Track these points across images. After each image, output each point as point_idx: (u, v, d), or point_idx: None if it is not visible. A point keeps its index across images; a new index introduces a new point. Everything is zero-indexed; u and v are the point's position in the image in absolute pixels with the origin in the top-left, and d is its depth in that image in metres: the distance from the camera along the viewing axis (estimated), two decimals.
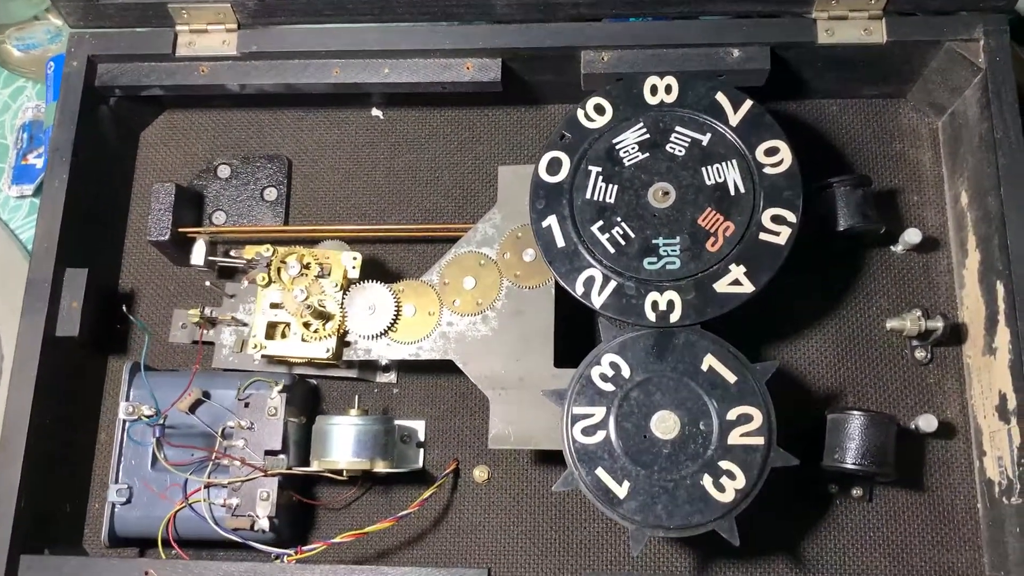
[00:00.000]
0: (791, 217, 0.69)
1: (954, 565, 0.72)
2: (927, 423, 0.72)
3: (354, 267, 0.77)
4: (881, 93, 0.83)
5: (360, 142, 0.87)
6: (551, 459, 0.77)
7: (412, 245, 0.84)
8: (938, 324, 0.74)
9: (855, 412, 0.71)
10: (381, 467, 0.73)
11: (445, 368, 0.76)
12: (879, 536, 0.73)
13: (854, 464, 0.70)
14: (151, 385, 0.75)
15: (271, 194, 0.86)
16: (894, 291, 0.79)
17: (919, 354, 0.77)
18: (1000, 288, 0.70)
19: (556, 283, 0.72)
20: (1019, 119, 0.72)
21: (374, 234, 0.82)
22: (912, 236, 0.77)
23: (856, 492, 0.74)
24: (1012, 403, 0.68)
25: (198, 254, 0.80)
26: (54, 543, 0.74)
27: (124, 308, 0.81)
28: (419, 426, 0.79)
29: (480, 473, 0.77)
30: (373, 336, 0.75)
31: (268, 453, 0.73)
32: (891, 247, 0.79)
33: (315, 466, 0.73)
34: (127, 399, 0.76)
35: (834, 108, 0.84)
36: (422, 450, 0.78)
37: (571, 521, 0.76)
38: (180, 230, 0.81)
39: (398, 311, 0.75)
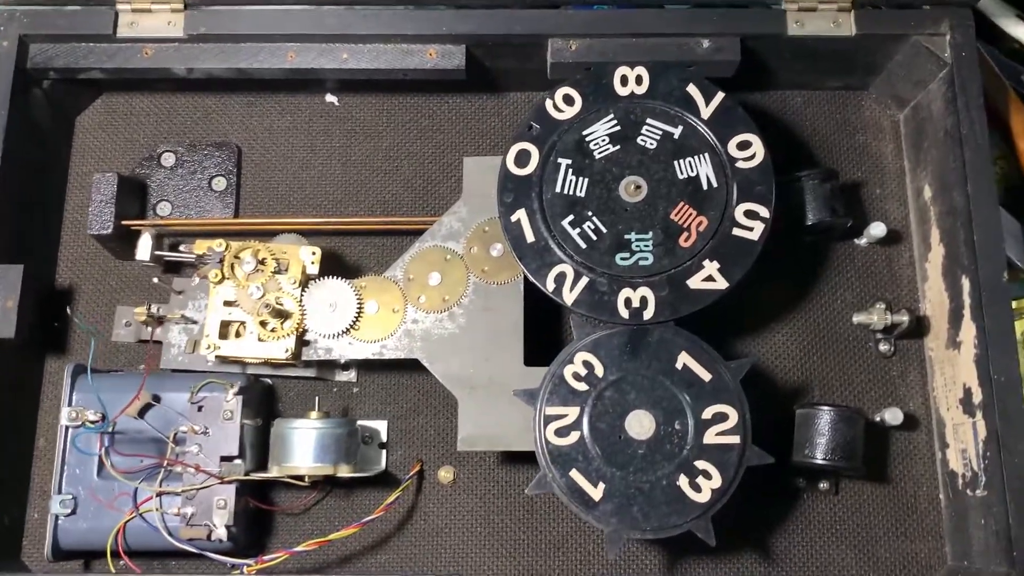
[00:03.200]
0: (764, 212, 0.69)
1: (917, 555, 0.74)
2: (893, 416, 0.73)
3: (313, 262, 0.73)
4: (844, 85, 0.83)
5: (314, 129, 0.83)
6: (518, 459, 0.75)
7: (371, 238, 0.80)
8: (903, 318, 0.75)
9: (824, 407, 0.71)
10: (344, 472, 0.71)
11: (406, 366, 0.74)
12: (845, 528, 0.74)
13: (824, 460, 0.70)
14: (96, 388, 0.71)
15: (220, 184, 0.81)
16: (858, 284, 0.79)
17: (883, 347, 0.77)
18: (966, 283, 0.71)
19: (525, 279, 0.70)
20: (984, 114, 0.73)
21: (331, 227, 0.79)
22: (877, 230, 0.77)
23: (823, 485, 0.74)
24: (977, 397, 0.69)
25: (144, 249, 0.76)
26: None
27: (68, 310, 0.76)
28: (381, 426, 0.76)
29: (445, 474, 0.75)
30: (334, 335, 0.72)
31: (224, 459, 0.70)
32: (855, 240, 0.80)
33: (275, 472, 0.70)
34: (70, 404, 0.72)
35: (798, 100, 0.83)
36: (384, 451, 0.76)
37: (540, 521, 0.75)
38: (123, 223, 0.76)
39: (360, 308, 0.72)
